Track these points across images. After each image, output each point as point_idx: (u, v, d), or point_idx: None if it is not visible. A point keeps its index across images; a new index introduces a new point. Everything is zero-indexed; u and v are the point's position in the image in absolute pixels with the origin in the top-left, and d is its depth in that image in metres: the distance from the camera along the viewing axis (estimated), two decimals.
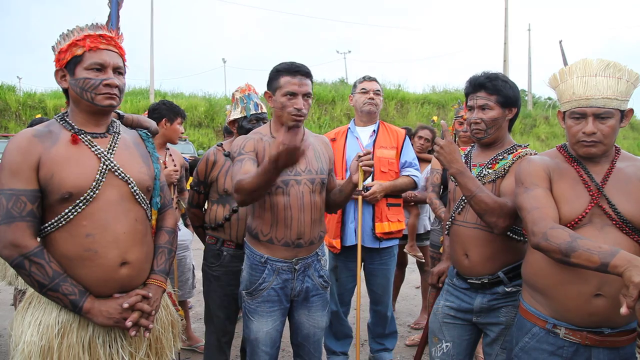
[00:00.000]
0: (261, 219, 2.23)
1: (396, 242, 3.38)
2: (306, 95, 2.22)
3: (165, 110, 3.31)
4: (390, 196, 3.26)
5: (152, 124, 2.41)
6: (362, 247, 3.18)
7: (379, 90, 3.37)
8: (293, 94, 2.18)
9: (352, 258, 3.25)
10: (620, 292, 1.45)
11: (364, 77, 3.44)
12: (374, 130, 3.35)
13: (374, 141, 3.29)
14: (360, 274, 3.34)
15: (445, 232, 2.32)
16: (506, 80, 2.11)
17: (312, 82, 2.27)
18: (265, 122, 2.77)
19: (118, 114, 2.22)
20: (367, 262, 3.32)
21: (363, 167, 2.32)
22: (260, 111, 2.79)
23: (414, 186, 3.34)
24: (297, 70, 2.21)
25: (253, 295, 2.24)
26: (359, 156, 2.35)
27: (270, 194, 2.19)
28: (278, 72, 2.24)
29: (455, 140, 3.75)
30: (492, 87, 2.07)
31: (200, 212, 2.94)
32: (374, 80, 3.42)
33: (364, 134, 3.37)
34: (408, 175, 3.30)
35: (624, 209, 1.67)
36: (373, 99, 3.33)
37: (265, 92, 2.32)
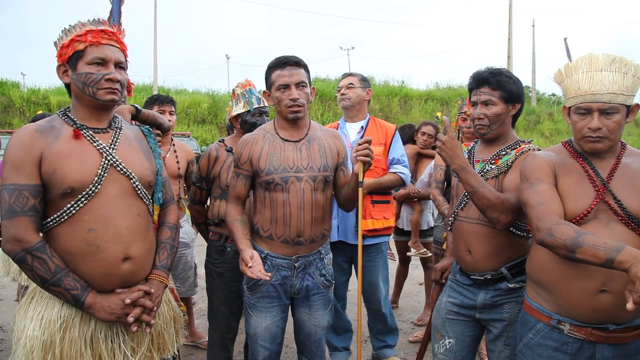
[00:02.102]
0: (262, 215, 2.23)
1: (384, 239, 3.34)
2: (300, 84, 2.18)
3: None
4: (376, 193, 3.21)
5: (165, 120, 2.41)
6: (347, 244, 3.18)
7: (351, 84, 3.31)
8: (286, 86, 2.17)
9: (338, 252, 3.18)
10: (626, 288, 1.45)
11: (342, 75, 3.44)
12: (362, 127, 3.32)
13: (361, 137, 3.26)
14: (357, 270, 3.35)
15: (448, 228, 2.31)
16: (510, 76, 2.10)
17: (307, 71, 2.24)
18: (268, 116, 2.76)
19: (136, 108, 2.22)
20: (354, 259, 3.29)
21: (358, 158, 2.20)
22: (262, 105, 2.79)
23: (401, 183, 3.27)
24: (286, 62, 2.19)
25: (253, 290, 2.24)
26: (359, 144, 2.23)
27: (270, 190, 2.18)
28: (270, 69, 2.24)
29: (458, 137, 3.74)
30: (496, 83, 2.06)
31: (203, 208, 2.93)
32: (350, 75, 3.38)
33: (352, 130, 3.34)
34: (395, 173, 3.23)
35: (630, 205, 1.66)
36: (344, 94, 3.31)
37: (264, 92, 2.32)
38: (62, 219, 1.65)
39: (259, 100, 2.78)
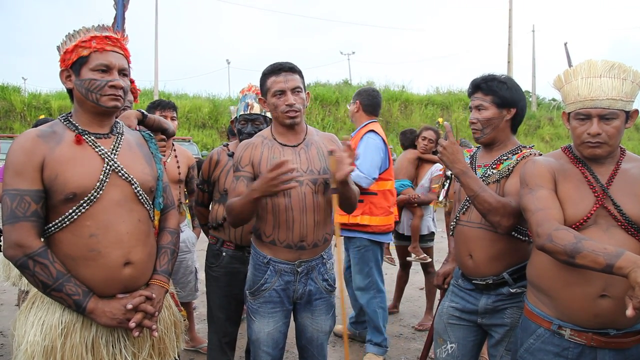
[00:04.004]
0: (264, 221, 2.22)
1: (352, 234, 3.57)
2: (296, 89, 2.18)
3: None
4: None
5: (170, 125, 2.42)
6: None
7: (350, 102, 3.86)
8: (281, 92, 2.17)
9: None
10: (626, 294, 1.45)
11: None
12: (351, 135, 3.69)
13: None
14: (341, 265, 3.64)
15: (450, 233, 2.31)
16: (504, 82, 2.11)
17: (301, 76, 2.25)
18: (258, 123, 2.73)
19: (142, 113, 2.22)
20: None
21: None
22: (249, 112, 2.75)
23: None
24: (280, 68, 2.20)
25: (255, 295, 2.24)
26: (330, 152, 2.19)
27: (271, 195, 2.17)
28: (264, 76, 2.23)
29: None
30: (487, 88, 2.11)
31: (207, 210, 2.95)
32: None
33: None
34: None
35: (630, 210, 1.66)
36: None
37: (260, 99, 2.32)
38: (64, 225, 1.66)
39: (246, 108, 2.76)
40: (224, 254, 2.73)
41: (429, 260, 4.30)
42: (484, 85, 2.12)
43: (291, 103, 2.16)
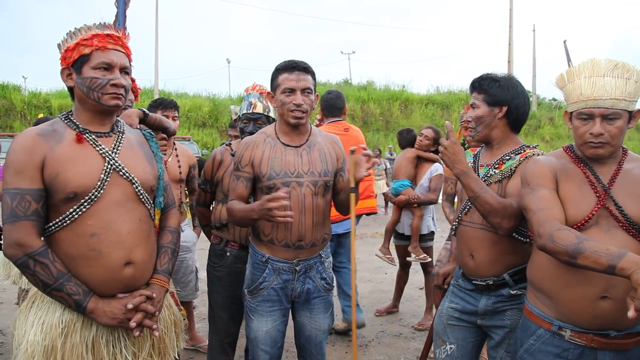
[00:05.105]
0: (262, 220, 2.22)
1: None
2: (306, 90, 2.18)
3: None
4: None
5: (171, 124, 2.41)
6: None
7: None
8: (291, 90, 2.16)
9: None
10: (628, 295, 1.44)
11: None
12: None
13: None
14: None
15: (452, 233, 2.31)
16: (497, 80, 2.11)
17: (313, 78, 2.24)
18: (260, 122, 2.71)
19: (144, 112, 2.21)
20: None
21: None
22: (252, 111, 2.74)
23: None
24: (295, 66, 2.19)
25: (253, 294, 2.24)
26: (351, 151, 2.21)
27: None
28: (277, 71, 2.23)
29: (464, 145, 3.82)
30: (479, 86, 2.13)
31: (208, 210, 2.94)
32: None
33: None
34: None
35: (631, 211, 1.65)
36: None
37: (268, 94, 2.31)
38: (65, 224, 1.65)
39: (249, 107, 2.75)
40: (228, 254, 2.72)
41: (429, 260, 4.29)
42: (477, 84, 2.15)
43: (299, 103, 2.16)
